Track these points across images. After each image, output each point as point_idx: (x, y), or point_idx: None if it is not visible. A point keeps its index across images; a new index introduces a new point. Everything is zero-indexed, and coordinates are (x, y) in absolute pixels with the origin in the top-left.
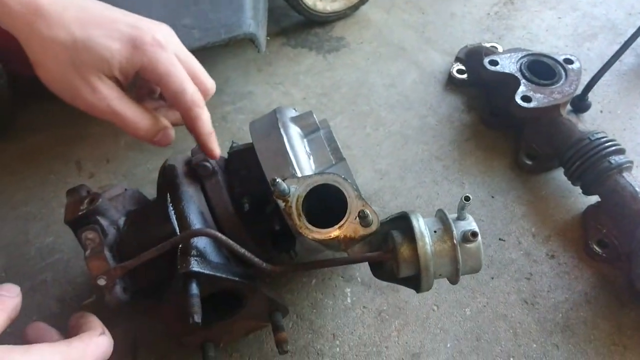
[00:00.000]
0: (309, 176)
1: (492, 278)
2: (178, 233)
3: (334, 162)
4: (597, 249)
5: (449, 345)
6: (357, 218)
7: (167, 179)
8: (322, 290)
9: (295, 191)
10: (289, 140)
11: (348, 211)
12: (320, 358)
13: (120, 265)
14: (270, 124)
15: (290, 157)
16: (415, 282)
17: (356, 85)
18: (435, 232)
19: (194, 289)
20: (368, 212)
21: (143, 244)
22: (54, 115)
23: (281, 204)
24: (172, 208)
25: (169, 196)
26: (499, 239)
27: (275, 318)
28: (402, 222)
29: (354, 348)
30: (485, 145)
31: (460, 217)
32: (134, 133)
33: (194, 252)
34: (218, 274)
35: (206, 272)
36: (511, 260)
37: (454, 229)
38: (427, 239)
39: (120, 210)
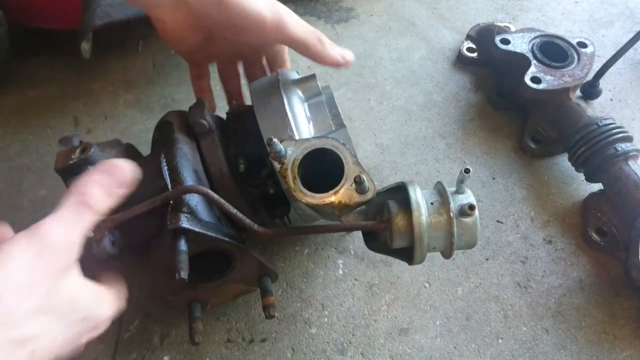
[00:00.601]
0: (307, 139)
1: (487, 259)
2: (170, 189)
3: (333, 128)
4: (595, 236)
5: (438, 322)
6: (354, 184)
7: (163, 134)
8: (314, 260)
9: (292, 153)
10: (289, 103)
11: (345, 177)
12: (307, 327)
13: (109, 217)
14: (271, 86)
15: (289, 119)
16: (409, 254)
17: (363, 57)
18: (432, 204)
19: (182, 245)
20: (364, 178)
21: (134, 198)
22: (54, 70)
23: (276, 165)
24: (165, 164)
25: (162, 152)
26: (497, 221)
27: (264, 282)
28: (399, 193)
29: (342, 319)
30: (490, 126)
31: (458, 191)
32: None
33: (184, 209)
34: (208, 233)
35: (196, 229)
36: (508, 243)
37: (451, 201)
38: (423, 210)
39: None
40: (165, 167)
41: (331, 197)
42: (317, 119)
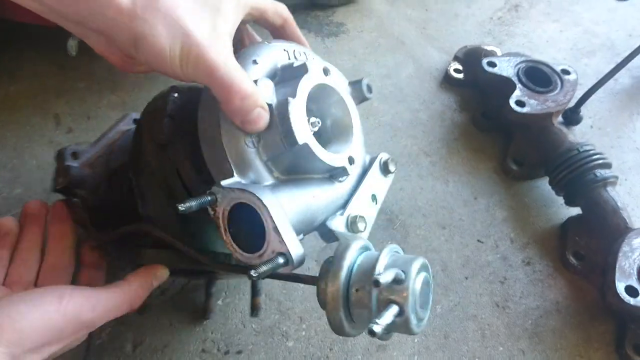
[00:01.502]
0: (232, 190)
1: (467, 278)
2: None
3: (284, 149)
4: (573, 260)
5: (416, 340)
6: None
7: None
8: (295, 271)
9: (220, 203)
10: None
11: (265, 244)
12: (285, 340)
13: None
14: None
15: (228, 157)
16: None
17: (351, 73)
18: (356, 290)
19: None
20: (285, 254)
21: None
22: (37, 66)
23: (210, 212)
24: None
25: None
26: (478, 240)
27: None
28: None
29: (320, 333)
30: (474, 146)
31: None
32: (233, 100)
33: None
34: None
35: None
36: (487, 263)
37: (373, 297)
38: (340, 283)
39: (99, 174)
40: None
41: (256, 260)
42: (267, 139)
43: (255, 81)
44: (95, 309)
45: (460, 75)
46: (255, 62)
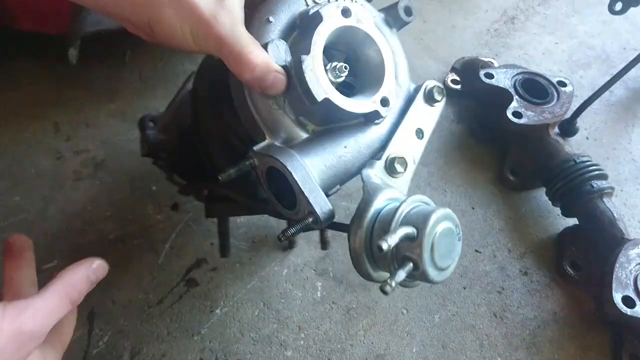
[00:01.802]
0: (263, 154)
1: (465, 288)
2: None
3: (308, 105)
4: (569, 270)
5: (414, 350)
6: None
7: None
8: (293, 281)
9: (258, 166)
10: None
11: (298, 203)
12: (283, 349)
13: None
14: None
15: (255, 116)
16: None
17: None
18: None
19: None
20: (313, 213)
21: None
22: (36, 74)
23: (253, 173)
24: None
25: None
26: (475, 251)
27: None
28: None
29: (319, 343)
30: (471, 157)
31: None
32: (244, 72)
33: None
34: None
35: None
36: (485, 273)
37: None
38: (363, 233)
39: (173, 137)
40: None
41: (294, 216)
42: (291, 99)
43: (267, 44)
44: (35, 317)
45: (458, 86)
46: (269, 20)
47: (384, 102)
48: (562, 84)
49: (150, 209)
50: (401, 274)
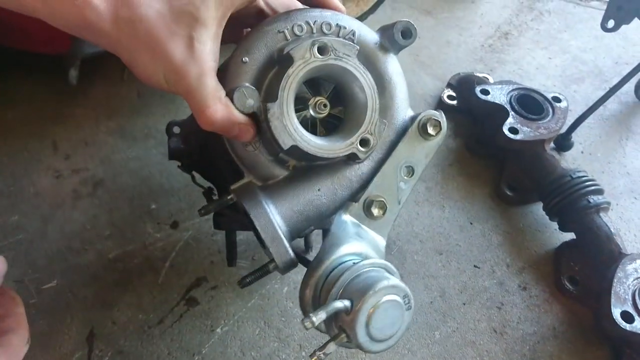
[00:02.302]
0: (237, 194)
1: (464, 304)
2: None
3: (279, 149)
4: (568, 285)
5: None
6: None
7: None
8: (294, 299)
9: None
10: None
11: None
12: None
13: None
14: None
15: (232, 156)
16: None
17: None
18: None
19: None
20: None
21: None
22: (35, 92)
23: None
24: None
25: None
26: (474, 266)
27: None
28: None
29: None
30: (468, 172)
31: None
32: (206, 125)
33: None
34: None
35: None
36: (484, 288)
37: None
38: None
39: (192, 147)
40: None
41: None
42: (264, 141)
43: (233, 91)
44: None
45: (454, 102)
46: (243, 61)
47: (364, 142)
48: (557, 99)
49: (149, 227)
50: (331, 347)
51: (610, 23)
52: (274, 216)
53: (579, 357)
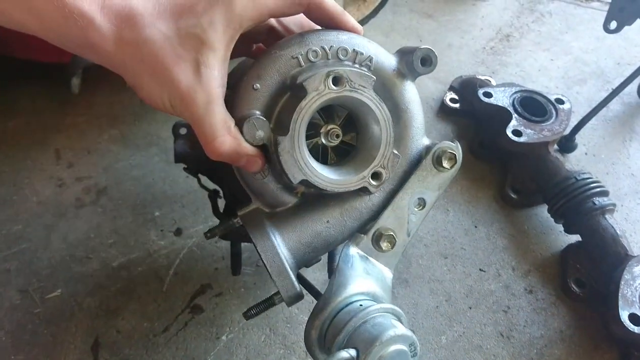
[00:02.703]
0: (245, 223)
1: (470, 308)
2: None
3: (288, 180)
4: (574, 287)
5: None
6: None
7: None
8: (299, 305)
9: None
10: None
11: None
12: None
13: None
14: None
15: (241, 183)
16: None
17: None
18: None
19: None
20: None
21: None
22: (37, 101)
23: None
24: None
25: None
26: (480, 269)
27: None
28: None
29: None
30: (472, 175)
31: None
32: (213, 156)
33: None
34: None
35: None
36: (490, 292)
37: None
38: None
39: (198, 152)
40: None
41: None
42: (274, 171)
43: (243, 123)
44: None
45: (456, 105)
46: (254, 87)
47: (376, 176)
48: (560, 101)
49: (153, 235)
50: None
51: (613, 24)
52: (281, 249)
53: None
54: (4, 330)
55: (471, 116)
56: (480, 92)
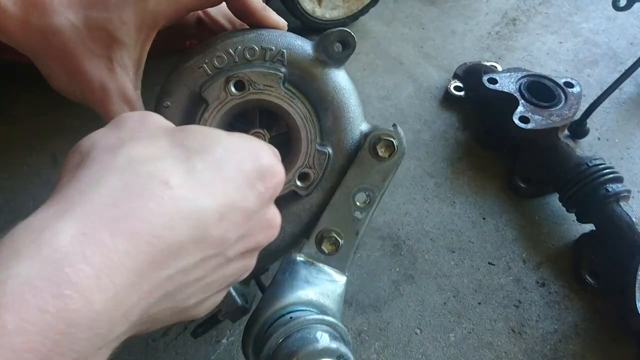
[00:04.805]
0: None
1: (479, 303)
2: None
3: None
4: (589, 279)
5: None
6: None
7: None
8: None
9: None
10: None
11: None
12: None
13: None
14: None
15: None
16: None
17: None
18: None
19: None
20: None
21: None
22: (32, 105)
23: None
24: None
25: None
26: (489, 263)
27: None
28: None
29: None
30: (479, 165)
31: None
32: None
33: None
34: None
35: None
36: (500, 286)
37: None
38: None
39: None
40: None
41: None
42: None
43: None
44: None
45: (461, 93)
46: (165, 105)
47: (303, 177)
48: (569, 84)
49: None
50: None
51: (623, 1)
52: None
53: (603, 354)
54: None
55: (476, 104)
56: (485, 78)
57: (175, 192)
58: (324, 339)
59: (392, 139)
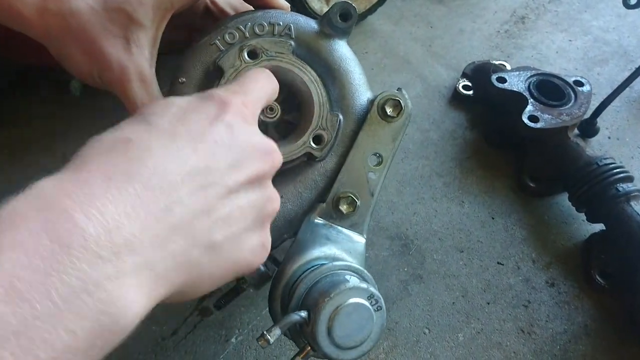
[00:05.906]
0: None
1: (488, 303)
2: None
3: None
4: (599, 279)
5: None
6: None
7: None
8: None
9: None
10: None
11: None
12: None
13: None
14: None
15: None
16: None
17: None
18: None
19: None
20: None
21: None
22: (41, 107)
23: None
24: None
25: None
26: (498, 263)
27: None
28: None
29: None
30: (488, 164)
31: None
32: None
33: None
34: None
35: None
36: (509, 286)
37: None
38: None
39: None
40: None
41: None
42: None
43: None
44: None
45: (470, 92)
46: (181, 81)
47: (318, 139)
48: (579, 83)
49: None
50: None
51: None
52: None
53: (614, 355)
54: None
55: (485, 103)
56: (494, 77)
57: (145, 144)
58: (353, 280)
59: (399, 99)
